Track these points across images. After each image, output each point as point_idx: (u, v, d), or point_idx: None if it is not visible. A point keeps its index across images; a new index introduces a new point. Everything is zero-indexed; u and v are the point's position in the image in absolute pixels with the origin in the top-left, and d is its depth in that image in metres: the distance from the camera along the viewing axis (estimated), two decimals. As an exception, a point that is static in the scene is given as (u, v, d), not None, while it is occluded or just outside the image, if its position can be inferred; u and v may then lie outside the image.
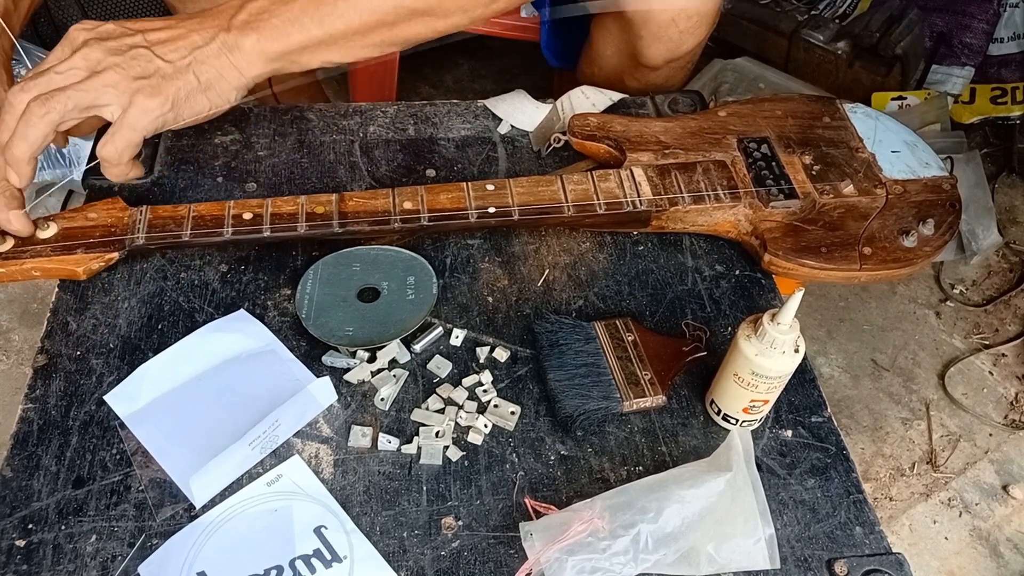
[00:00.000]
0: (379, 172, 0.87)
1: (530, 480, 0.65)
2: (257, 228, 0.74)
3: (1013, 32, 1.51)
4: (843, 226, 0.79)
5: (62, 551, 0.59)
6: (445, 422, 0.67)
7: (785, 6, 1.55)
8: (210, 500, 0.62)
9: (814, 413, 0.70)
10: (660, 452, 0.67)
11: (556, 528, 0.57)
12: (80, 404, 0.67)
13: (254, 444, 0.63)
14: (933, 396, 1.23)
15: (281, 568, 0.59)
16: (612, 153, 0.85)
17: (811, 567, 0.61)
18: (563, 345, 0.70)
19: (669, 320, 0.76)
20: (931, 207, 0.81)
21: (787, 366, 0.61)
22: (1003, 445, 1.18)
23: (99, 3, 1.41)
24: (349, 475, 0.64)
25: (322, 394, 0.67)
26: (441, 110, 0.94)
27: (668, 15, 0.93)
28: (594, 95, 0.94)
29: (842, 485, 0.66)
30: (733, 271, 0.80)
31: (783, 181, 0.81)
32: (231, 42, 0.69)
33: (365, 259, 0.76)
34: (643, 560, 0.56)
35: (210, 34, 0.69)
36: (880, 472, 1.15)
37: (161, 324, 0.72)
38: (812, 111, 0.90)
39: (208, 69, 0.69)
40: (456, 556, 0.60)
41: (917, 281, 1.38)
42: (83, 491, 0.62)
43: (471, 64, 1.68)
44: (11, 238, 0.71)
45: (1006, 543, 1.09)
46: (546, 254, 0.80)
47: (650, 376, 0.68)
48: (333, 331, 0.71)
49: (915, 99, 1.45)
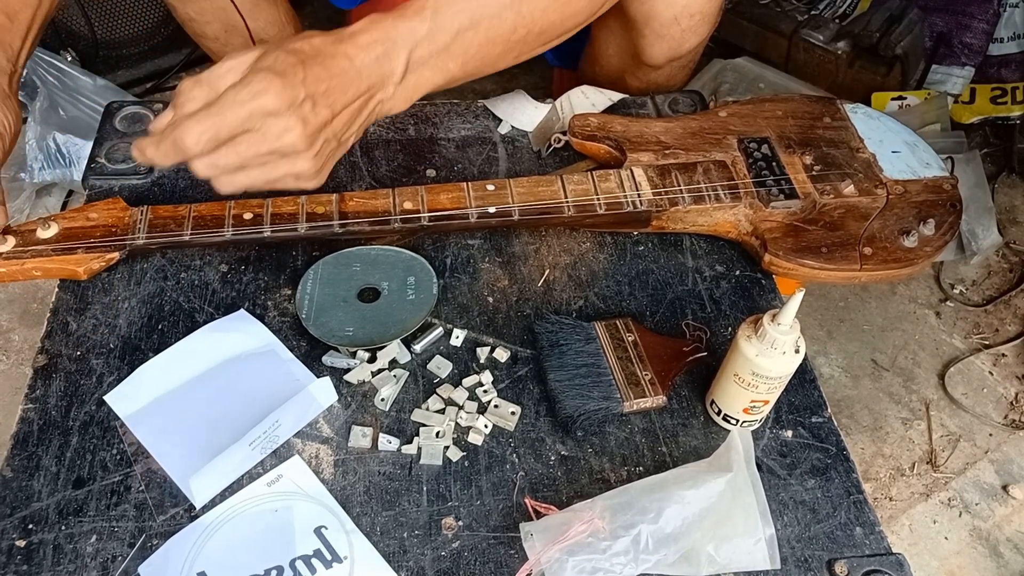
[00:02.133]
0: (379, 172, 0.87)
1: (530, 480, 0.65)
2: (257, 228, 0.74)
3: (1013, 32, 1.51)
4: (843, 226, 0.79)
5: (62, 551, 0.59)
6: (445, 422, 0.67)
7: (785, 6, 1.55)
8: (210, 500, 0.62)
9: (814, 413, 0.70)
10: (660, 452, 0.67)
11: (556, 528, 0.57)
12: (80, 404, 0.67)
13: (254, 444, 0.63)
14: (933, 396, 1.23)
15: (281, 568, 0.59)
16: (612, 153, 0.85)
17: (811, 567, 0.61)
18: (563, 345, 0.70)
19: (669, 320, 0.76)
20: (932, 207, 0.81)
21: (787, 366, 0.61)
22: (1003, 445, 1.18)
23: (99, 4, 1.41)
24: (349, 475, 0.64)
25: (322, 394, 0.67)
26: (441, 110, 0.94)
27: (671, 13, 0.93)
28: (594, 95, 0.94)
29: (842, 485, 0.66)
30: (733, 271, 0.80)
31: (783, 181, 0.81)
32: (390, 102, 0.67)
33: (365, 259, 0.76)
34: (643, 560, 0.56)
35: (379, 99, 0.66)
36: (880, 472, 1.15)
37: (161, 324, 0.72)
38: (812, 111, 0.90)
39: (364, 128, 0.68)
40: (456, 556, 0.60)
41: (917, 281, 1.38)
42: (83, 491, 0.62)
43: (471, 64, 1.68)
44: (12, 238, 0.71)
45: (1006, 543, 1.09)
46: (546, 254, 0.80)
47: (650, 376, 0.68)
48: (333, 331, 0.71)
49: (915, 99, 1.45)
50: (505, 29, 0.70)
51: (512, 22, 0.69)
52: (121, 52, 1.48)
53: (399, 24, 0.65)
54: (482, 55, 0.70)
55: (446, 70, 0.69)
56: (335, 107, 0.62)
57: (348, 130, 0.65)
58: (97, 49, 1.44)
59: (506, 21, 0.69)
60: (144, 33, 1.48)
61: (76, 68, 1.33)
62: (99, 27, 1.43)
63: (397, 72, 0.66)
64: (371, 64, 0.64)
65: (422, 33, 0.66)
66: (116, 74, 1.48)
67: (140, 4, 1.45)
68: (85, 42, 1.42)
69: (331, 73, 0.62)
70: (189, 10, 1.09)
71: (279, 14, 1.15)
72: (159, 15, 1.47)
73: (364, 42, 0.64)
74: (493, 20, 0.68)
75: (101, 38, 1.44)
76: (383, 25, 0.65)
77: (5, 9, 0.72)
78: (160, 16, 1.47)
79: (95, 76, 1.34)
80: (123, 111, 0.89)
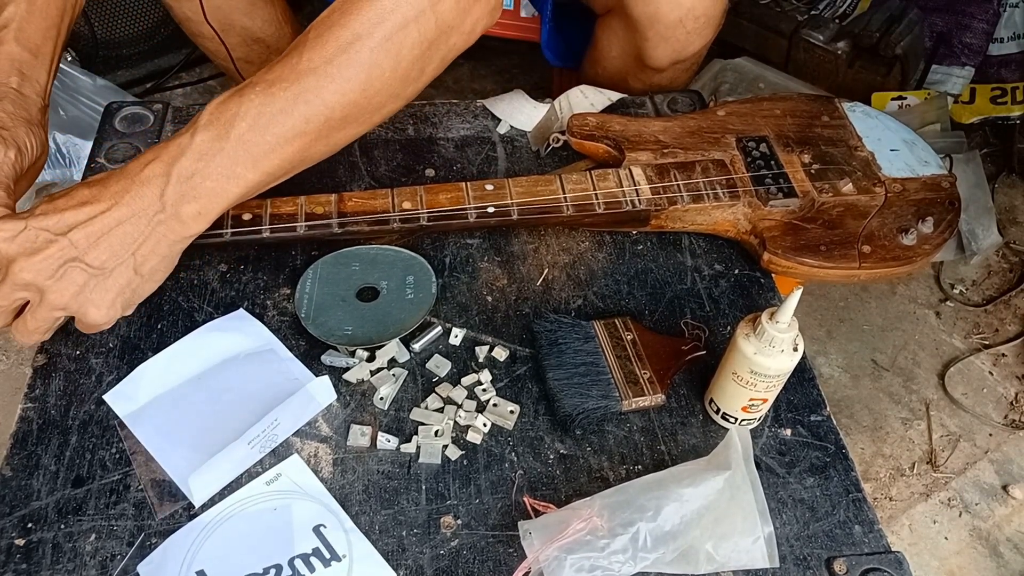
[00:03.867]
0: (378, 172, 0.87)
1: (529, 479, 0.65)
2: (256, 228, 0.74)
3: (1013, 32, 1.51)
4: (842, 224, 0.79)
5: (61, 550, 0.59)
6: (444, 421, 0.67)
7: (785, 6, 1.55)
8: (209, 499, 0.62)
9: (813, 412, 0.70)
10: (659, 451, 0.67)
11: (555, 527, 0.57)
12: (80, 403, 0.67)
13: (253, 443, 0.63)
14: (933, 396, 1.23)
15: (280, 567, 0.59)
16: (611, 153, 0.85)
17: (810, 566, 0.61)
18: (562, 344, 0.70)
19: (668, 319, 0.76)
20: (930, 205, 0.81)
21: (786, 365, 0.61)
22: (1003, 445, 1.18)
23: (99, 4, 1.41)
24: (348, 474, 0.64)
25: (321, 393, 0.67)
26: (440, 110, 0.94)
27: (676, 16, 0.93)
28: (592, 95, 0.94)
29: (841, 484, 0.66)
30: (732, 270, 0.80)
31: (782, 180, 0.81)
32: (168, 220, 0.64)
33: (364, 258, 0.76)
34: (642, 559, 0.56)
35: (144, 222, 0.63)
36: (880, 472, 1.15)
37: (160, 324, 0.72)
38: (811, 110, 0.90)
39: (150, 259, 0.65)
40: (455, 555, 0.60)
41: (917, 281, 1.38)
42: (82, 490, 0.62)
43: (471, 64, 1.68)
44: None
45: (1006, 543, 1.09)
46: (545, 253, 0.80)
47: (649, 375, 0.68)
48: (332, 330, 0.71)
49: (915, 99, 1.44)
50: (294, 123, 0.65)
51: (302, 114, 0.65)
52: (121, 52, 1.48)
53: (158, 149, 0.65)
54: (279, 155, 0.66)
55: (236, 176, 0.65)
56: (62, 228, 0.62)
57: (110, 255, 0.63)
58: (97, 49, 1.44)
59: (292, 116, 0.65)
60: (144, 33, 1.48)
61: (76, 68, 1.33)
62: (99, 27, 1.43)
63: (154, 185, 0.63)
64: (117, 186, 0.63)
65: (186, 144, 0.64)
66: (116, 74, 1.48)
67: (140, 4, 1.45)
68: (85, 42, 1.42)
69: (57, 207, 0.62)
70: (186, 9, 1.09)
71: (276, 13, 1.15)
72: (159, 15, 1.47)
73: (109, 173, 0.65)
74: (277, 117, 0.64)
75: (101, 38, 1.44)
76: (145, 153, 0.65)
77: (28, 46, 0.73)
78: (160, 16, 1.47)
79: (95, 76, 1.34)
80: (123, 111, 0.89)
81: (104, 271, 0.63)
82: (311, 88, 0.65)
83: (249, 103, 0.64)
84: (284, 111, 0.65)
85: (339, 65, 0.65)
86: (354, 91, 0.66)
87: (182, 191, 0.64)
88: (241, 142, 0.64)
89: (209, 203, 0.65)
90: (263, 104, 0.64)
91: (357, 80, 0.66)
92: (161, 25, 1.49)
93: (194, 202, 0.64)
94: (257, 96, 0.65)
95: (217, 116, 0.64)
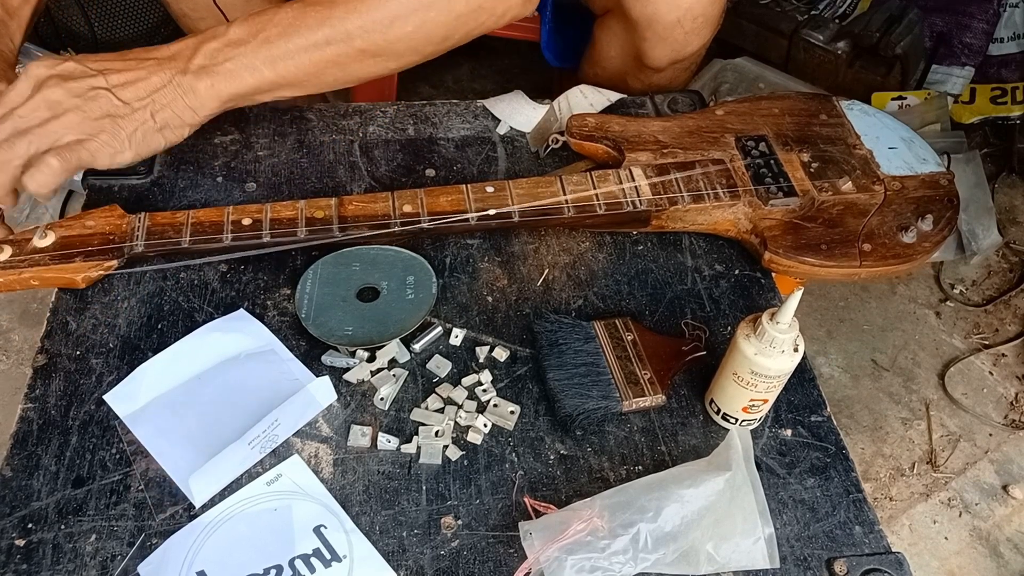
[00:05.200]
0: (379, 172, 0.87)
1: (529, 479, 0.65)
2: (256, 234, 0.74)
3: (1013, 32, 1.51)
4: (842, 223, 0.79)
5: (62, 551, 0.59)
6: (444, 421, 0.67)
7: (785, 6, 1.55)
8: (210, 499, 0.62)
9: (813, 412, 0.70)
10: (659, 451, 0.67)
11: (555, 527, 0.57)
12: (80, 404, 0.67)
13: (254, 443, 0.63)
14: (933, 396, 1.23)
15: (281, 567, 0.59)
16: (610, 153, 0.85)
17: (810, 566, 0.61)
18: (562, 345, 0.70)
19: (668, 320, 0.76)
20: (929, 203, 0.81)
21: (786, 365, 0.61)
22: (1003, 445, 1.18)
23: (99, 4, 1.41)
24: (348, 474, 0.64)
25: (321, 393, 0.67)
26: (441, 110, 0.94)
27: (674, 16, 0.93)
28: (592, 95, 0.94)
29: (841, 484, 0.66)
30: (732, 270, 0.80)
31: (782, 179, 0.81)
32: (187, 85, 0.72)
33: (365, 259, 0.76)
34: (642, 559, 0.56)
35: (168, 76, 0.72)
36: (880, 472, 1.15)
37: (161, 324, 0.72)
38: (809, 109, 0.90)
39: (165, 111, 0.72)
40: (455, 555, 0.60)
41: (917, 281, 1.38)
42: (83, 491, 0.62)
43: (471, 64, 1.68)
44: (9, 247, 0.71)
45: (1006, 543, 1.09)
46: (545, 254, 0.80)
47: (649, 375, 0.68)
48: (333, 331, 0.71)
49: (915, 99, 1.45)
50: (316, 40, 0.73)
51: (325, 36, 0.73)
52: (121, 52, 1.48)
53: (196, 35, 0.74)
54: (296, 62, 0.73)
55: (254, 67, 0.73)
56: (99, 67, 0.71)
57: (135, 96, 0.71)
58: (97, 49, 1.43)
59: (316, 34, 0.73)
60: (144, 33, 1.48)
61: (76, 68, 1.33)
62: (99, 27, 1.43)
63: (184, 54, 0.72)
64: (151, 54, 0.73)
65: (220, 32, 0.73)
66: (116, 74, 1.48)
67: (140, 4, 1.45)
68: (85, 42, 1.42)
69: (96, 55, 0.72)
70: (183, 6, 1.09)
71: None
72: (159, 15, 1.47)
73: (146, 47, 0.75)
74: (302, 31, 0.73)
75: (101, 38, 1.44)
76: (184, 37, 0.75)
77: (7, 7, 0.79)
78: (160, 16, 1.47)
79: (95, 76, 1.34)
80: (123, 111, 0.89)
81: (128, 107, 0.71)
82: (338, 16, 0.73)
83: (284, 14, 0.73)
84: (310, 27, 0.73)
85: (369, 5, 0.73)
86: (376, 32, 0.74)
87: (203, 64, 0.72)
88: (267, 41, 0.73)
89: (223, 82, 0.73)
90: (295, 19, 0.73)
91: (381, 23, 0.74)
92: (161, 25, 1.49)
93: (210, 77, 0.72)
94: (292, 11, 0.73)
95: (254, 18, 0.73)
